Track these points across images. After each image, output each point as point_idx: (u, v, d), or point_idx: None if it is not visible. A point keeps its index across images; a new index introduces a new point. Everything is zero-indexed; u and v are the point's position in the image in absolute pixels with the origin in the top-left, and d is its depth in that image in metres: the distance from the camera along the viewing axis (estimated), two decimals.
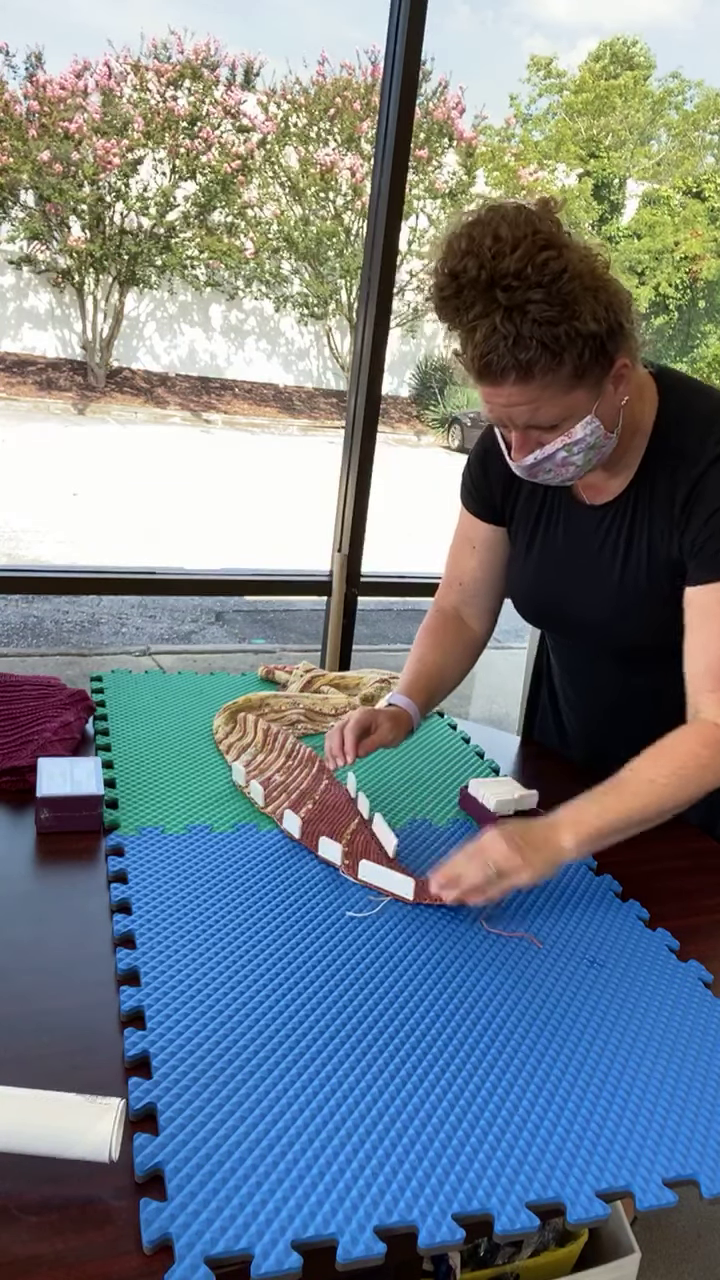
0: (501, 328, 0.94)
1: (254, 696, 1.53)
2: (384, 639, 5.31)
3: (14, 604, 5.18)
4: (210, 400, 13.94)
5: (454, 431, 13.83)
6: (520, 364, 0.97)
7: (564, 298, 0.94)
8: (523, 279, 0.93)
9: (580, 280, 0.95)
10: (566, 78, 16.66)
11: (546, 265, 0.93)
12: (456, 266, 0.95)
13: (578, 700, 1.45)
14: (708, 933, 1.08)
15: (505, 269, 0.93)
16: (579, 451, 1.07)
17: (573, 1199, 0.71)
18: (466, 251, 0.94)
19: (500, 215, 0.95)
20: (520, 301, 0.93)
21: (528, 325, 0.94)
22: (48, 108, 11.50)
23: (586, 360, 0.98)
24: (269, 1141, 0.73)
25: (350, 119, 12.83)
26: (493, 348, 0.96)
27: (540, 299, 0.93)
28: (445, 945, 1.00)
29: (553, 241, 0.94)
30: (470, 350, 0.98)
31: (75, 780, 1.16)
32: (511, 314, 0.94)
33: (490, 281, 0.93)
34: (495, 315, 0.94)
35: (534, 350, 0.95)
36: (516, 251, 0.93)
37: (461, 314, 0.97)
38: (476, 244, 0.94)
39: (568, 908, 1.09)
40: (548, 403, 1.02)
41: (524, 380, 0.99)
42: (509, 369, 0.97)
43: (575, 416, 1.04)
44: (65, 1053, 0.80)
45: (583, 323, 0.95)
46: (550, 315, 0.94)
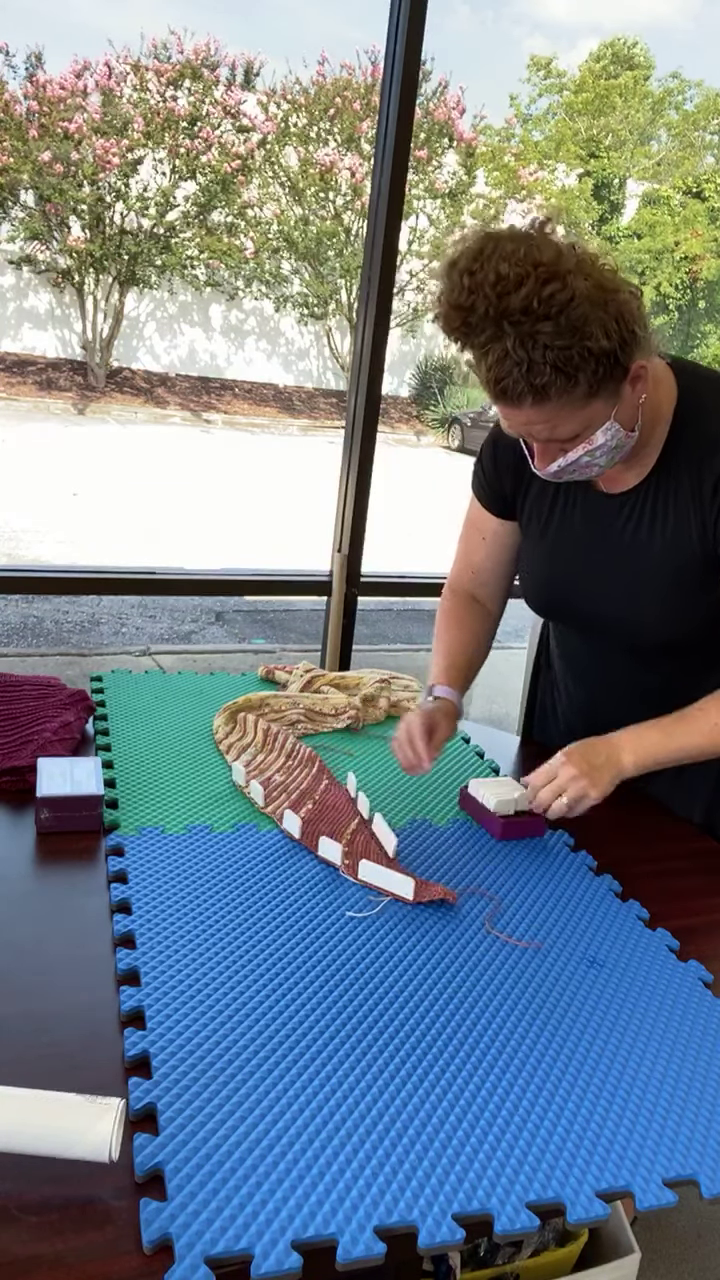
0: (514, 354, 0.95)
1: (254, 696, 1.53)
2: (384, 639, 5.31)
3: (14, 604, 5.18)
4: (210, 400, 13.94)
5: (454, 431, 13.82)
6: (535, 388, 0.97)
7: (573, 323, 0.94)
8: (530, 314, 0.93)
9: (588, 301, 0.94)
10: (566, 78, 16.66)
11: (553, 298, 0.93)
12: (464, 301, 0.95)
13: (583, 698, 1.45)
14: (708, 933, 1.08)
15: (511, 306, 0.93)
16: (602, 455, 1.08)
17: (573, 1199, 0.71)
18: (470, 289, 0.94)
19: (498, 251, 0.94)
20: (530, 332, 0.94)
21: (539, 351, 0.94)
22: (48, 108, 11.51)
23: (601, 376, 0.99)
24: (269, 1141, 0.73)
25: (350, 119, 12.84)
26: (506, 373, 0.97)
27: (550, 330, 0.93)
28: (445, 945, 1.00)
29: (555, 272, 0.93)
30: (484, 372, 0.99)
31: (75, 780, 1.16)
32: (523, 341, 0.94)
33: (499, 316, 0.94)
34: (506, 341, 0.95)
35: (548, 374, 0.96)
36: (521, 290, 0.92)
37: (472, 338, 0.97)
38: (479, 282, 0.94)
39: (568, 908, 1.09)
40: (565, 419, 1.03)
41: (540, 402, 1.00)
42: (525, 393, 0.98)
43: (594, 425, 1.05)
44: (65, 1053, 0.80)
45: (594, 341, 0.95)
46: (561, 342, 0.94)
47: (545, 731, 1.58)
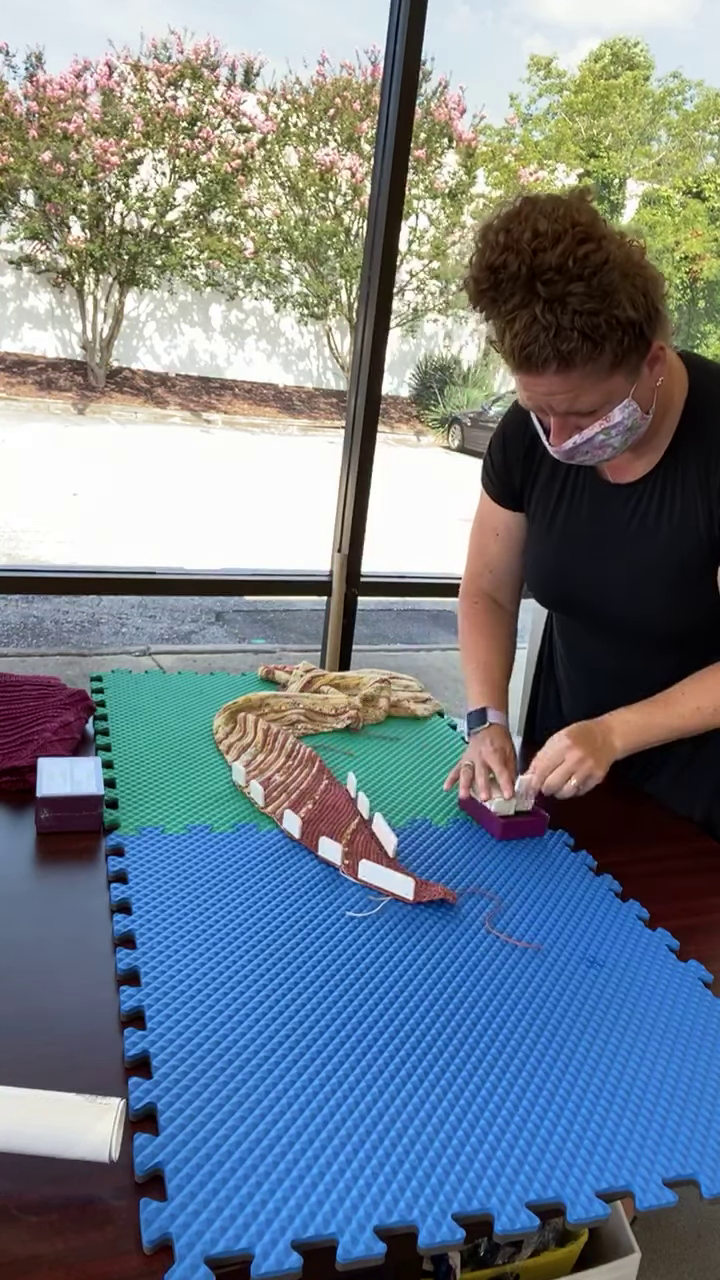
0: (542, 319, 0.95)
1: (254, 696, 1.53)
2: (384, 639, 5.31)
3: (14, 604, 5.18)
4: (210, 400, 13.94)
5: (454, 431, 13.83)
6: (561, 354, 0.97)
7: (604, 288, 0.94)
8: (564, 273, 0.93)
9: (619, 269, 0.95)
10: (566, 78, 16.66)
11: (588, 258, 0.93)
12: (495, 260, 0.95)
13: (587, 691, 1.45)
14: (708, 933, 1.08)
15: (546, 263, 0.93)
16: (617, 434, 1.08)
17: (573, 1199, 0.71)
18: (505, 246, 0.94)
19: (537, 209, 0.95)
20: (561, 294, 0.94)
21: (568, 316, 0.95)
22: (47, 108, 11.51)
23: (626, 347, 1.00)
24: (269, 1141, 0.73)
25: (350, 119, 12.84)
26: (533, 338, 0.96)
27: (581, 291, 0.94)
28: (445, 945, 1.00)
29: (591, 233, 0.95)
30: (509, 340, 0.99)
31: (75, 780, 1.16)
32: (552, 305, 0.94)
33: (531, 275, 0.94)
34: (535, 306, 0.95)
35: (575, 340, 0.96)
36: (558, 246, 0.93)
37: (500, 305, 0.97)
38: (515, 238, 0.94)
39: (567, 907, 1.09)
40: (588, 390, 1.03)
41: (565, 370, 1.00)
42: (550, 359, 0.98)
43: (613, 401, 1.05)
44: (65, 1053, 0.80)
45: (622, 310, 0.96)
46: (591, 306, 0.95)
47: (548, 731, 1.58)
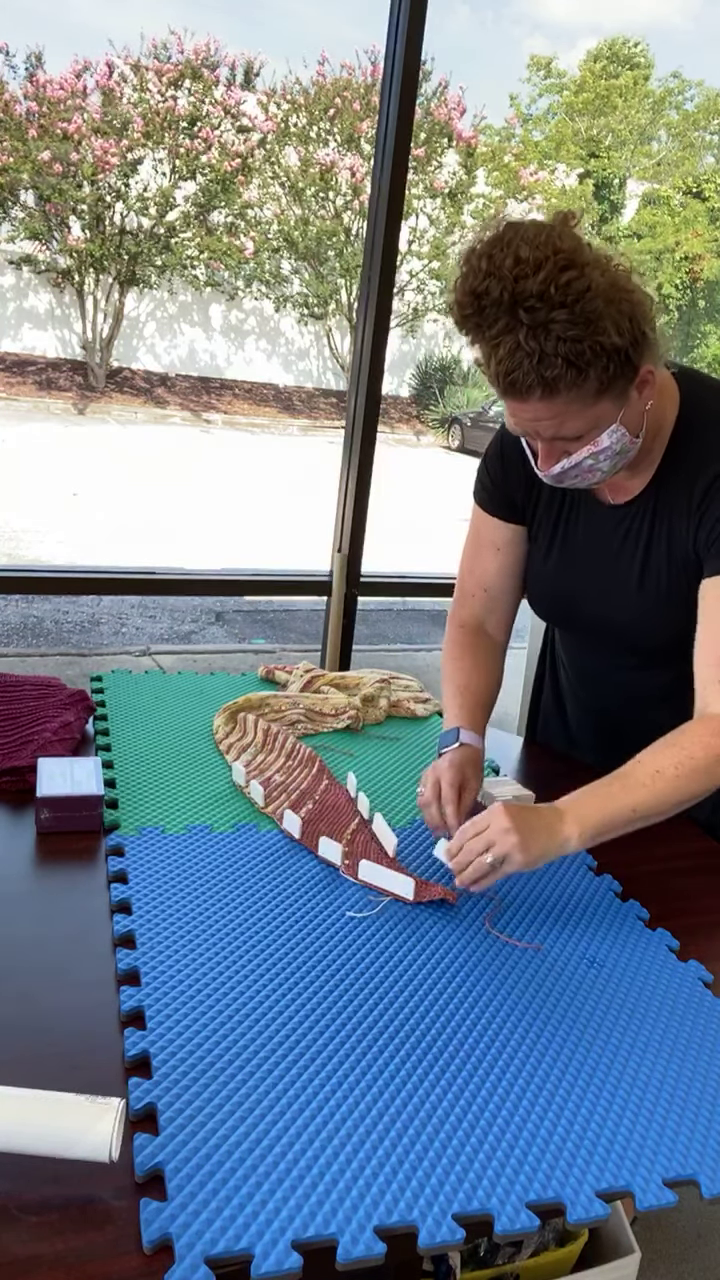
0: (525, 345, 0.94)
1: (254, 696, 1.53)
2: (384, 639, 5.31)
3: (14, 604, 5.18)
4: (210, 400, 13.94)
5: (454, 431, 13.83)
6: (545, 381, 0.96)
7: (587, 315, 0.93)
8: (546, 300, 0.92)
9: (603, 296, 0.94)
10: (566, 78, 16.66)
11: (569, 286, 0.92)
12: (478, 286, 0.94)
13: (589, 701, 1.45)
14: (708, 933, 1.08)
15: (528, 290, 0.92)
16: (605, 459, 1.07)
17: (573, 1199, 0.71)
18: (488, 273, 0.94)
19: (520, 235, 0.94)
20: (544, 321, 0.93)
21: (551, 343, 0.94)
22: (47, 108, 11.50)
23: (611, 373, 0.98)
24: (269, 1141, 0.73)
25: (350, 119, 12.83)
26: (517, 364, 0.96)
27: (564, 318, 0.93)
28: (445, 945, 1.00)
29: (574, 260, 0.94)
30: (494, 366, 0.98)
31: (75, 780, 1.16)
32: (535, 332, 0.93)
33: (513, 302, 0.93)
34: (519, 333, 0.94)
35: (559, 367, 0.95)
36: (539, 274, 0.92)
37: (484, 330, 0.96)
38: (497, 265, 0.93)
39: (567, 908, 1.09)
40: (573, 416, 1.02)
41: (549, 396, 0.99)
42: (534, 385, 0.97)
43: (601, 426, 1.04)
44: (65, 1053, 0.80)
45: (607, 337, 0.95)
46: (574, 333, 0.93)
47: (549, 736, 1.58)
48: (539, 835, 1.00)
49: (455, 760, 1.17)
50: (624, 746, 1.18)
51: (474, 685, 1.29)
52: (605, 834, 1.03)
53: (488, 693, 1.31)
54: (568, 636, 1.43)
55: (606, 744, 1.44)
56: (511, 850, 0.99)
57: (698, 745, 1.04)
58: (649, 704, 1.33)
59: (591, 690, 1.43)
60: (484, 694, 1.30)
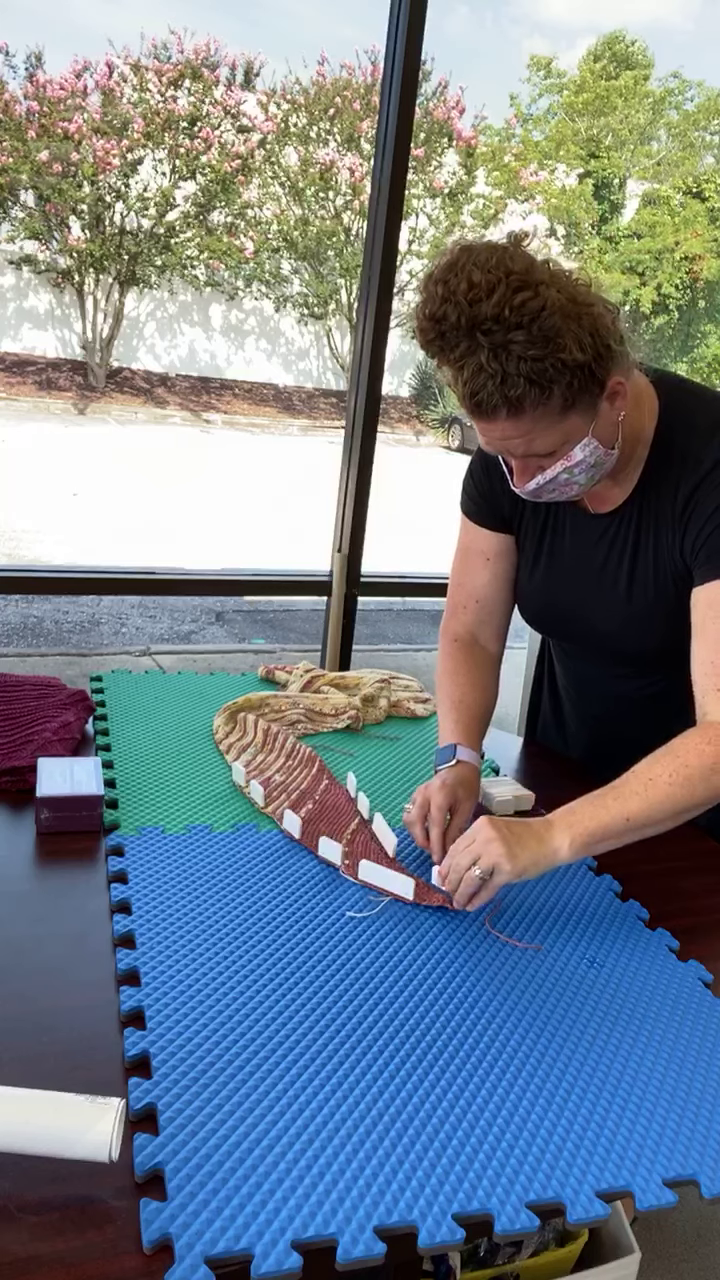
0: (488, 366, 0.95)
1: (254, 696, 1.53)
2: (384, 639, 5.31)
3: (14, 604, 5.18)
4: (210, 400, 13.94)
5: (454, 431, 13.84)
6: (510, 400, 0.97)
7: (545, 333, 0.94)
8: (501, 322, 0.93)
9: (560, 312, 0.94)
10: (566, 78, 16.66)
11: (524, 306, 0.93)
12: (436, 312, 0.95)
13: (584, 705, 1.45)
14: (708, 933, 1.08)
15: (483, 314, 0.93)
16: (580, 472, 1.08)
17: (573, 1199, 0.71)
18: (444, 298, 0.94)
19: (471, 259, 0.95)
20: (503, 342, 0.94)
21: (513, 363, 0.94)
22: (47, 108, 11.50)
23: (576, 389, 0.99)
24: (269, 1141, 0.73)
25: (350, 119, 12.84)
26: (481, 386, 0.96)
27: (522, 339, 0.93)
28: (445, 945, 1.00)
29: (527, 281, 0.94)
30: (460, 387, 0.99)
31: (75, 780, 1.16)
32: (496, 353, 0.94)
33: (471, 325, 0.94)
34: (480, 354, 0.95)
35: (521, 386, 0.96)
36: (493, 296, 0.93)
37: (447, 353, 0.97)
38: (452, 290, 0.94)
39: (567, 908, 1.09)
40: (542, 433, 1.02)
41: (515, 415, 0.99)
42: (499, 405, 0.98)
43: (572, 441, 1.04)
44: (65, 1053, 0.80)
45: (568, 354, 0.95)
46: (535, 352, 0.94)
47: (549, 737, 1.58)
48: (527, 844, 1.00)
49: (448, 780, 1.16)
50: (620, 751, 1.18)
51: (470, 700, 1.29)
52: (599, 843, 1.02)
53: (484, 707, 1.30)
54: (560, 645, 1.43)
55: (603, 748, 1.44)
56: (499, 860, 0.98)
57: (693, 753, 1.04)
58: (643, 710, 1.33)
59: (586, 696, 1.43)
60: (480, 709, 1.29)
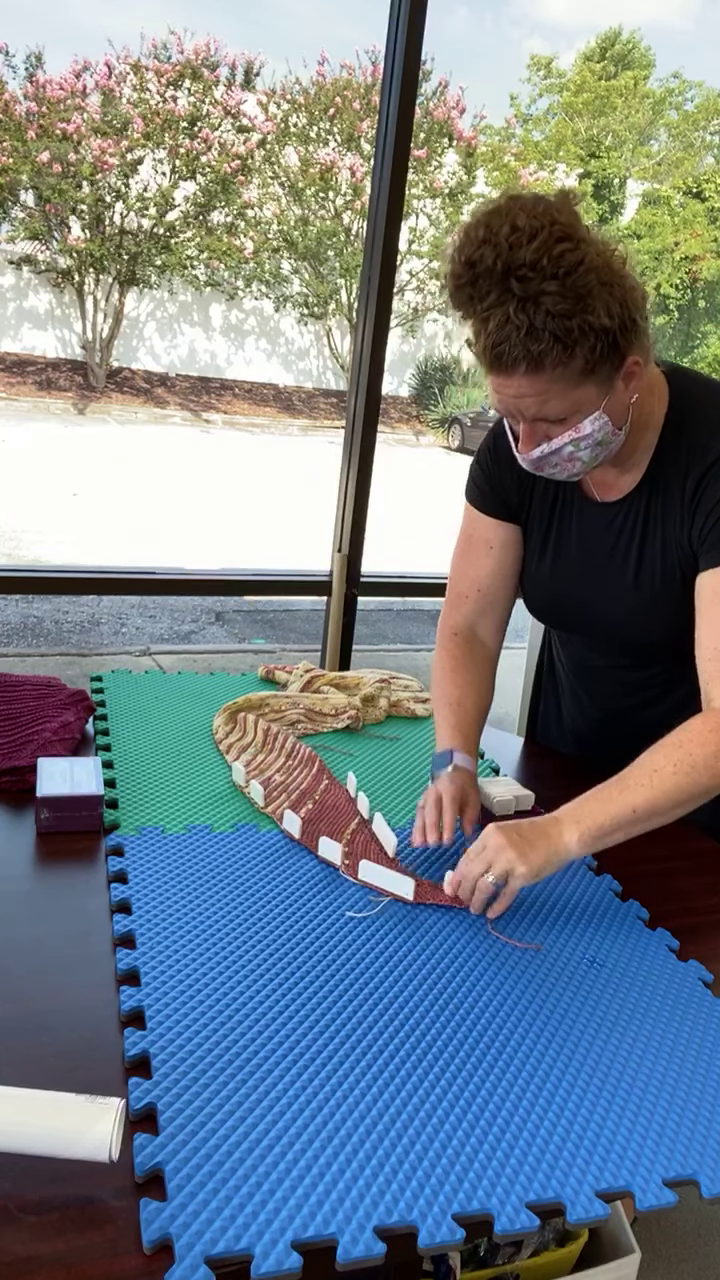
0: (515, 318, 0.94)
1: (254, 696, 1.53)
2: (384, 639, 5.31)
3: (14, 604, 5.18)
4: (210, 400, 13.94)
5: (454, 431, 13.83)
6: (531, 355, 0.96)
7: (578, 290, 0.94)
8: (538, 270, 0.93)
9: (596, 274, 0.95)
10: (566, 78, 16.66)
11: (563, 257, 0.93)
12: (473, 255, 0.95)
13: (588, 700, 1.45)
14: (708, 933, 1.08)
15: (521, 259, 0.93)
16: (586, 447, 1.07)
17: (573, 1199, 0.71)
18: (484, 240, 0.94)
19: (518, 205, 0.95)
20: (534, 292, 0.93)
21: (541, 317, 0.94)
22: (47, 108, 11.50)
23: (598, 355, 0.98)
24: (269, 1141, 0.73)
25: (350, 119, 12.84)
26: (505, 338, 0.96)
27: (555, 290, 0.93)
28: (445, 945, 1.00)
29: (570, 234, 0.94)
30: (482, 339, 0.98)
31: (75, 780, 1.16)
32: (525, 305, 0.94)
33: (506, 271, 0.93)
34: (509, 305, 0.94)
35: (546, 342, 0.95)
36: (534, 242, 0.93)
37: (475, 303, 0.97)
38: (494, 233, 0.94)
39: (567, 908, 1.09)
40: (557, 396, 1.01)
41: (534, 371, 0.98)
42: (520, 359, 0.97)
43: (584, 411, 1.04)
44: (65, 1053, 0.80)
45: (596, 317, 0.95)
46: (564, 308, 0.94)
47: (549, 737, 1.58)
48: (537, 844, 1.00)
49: (456, 779, 1.18)
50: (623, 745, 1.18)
51: (467, 702, 1.29)
52: (607, 837, 1.02)
53: (480, 709, 1.30)
54: (565, 636, 1.43)
55: (606, 743, 1.44)
56: (512, 864, 0.99)
57: (696, 742, 1.04)
58: (648, 701, 1.33)
59: (590, 689, 1.43)
60: (477, 711, 1.30)
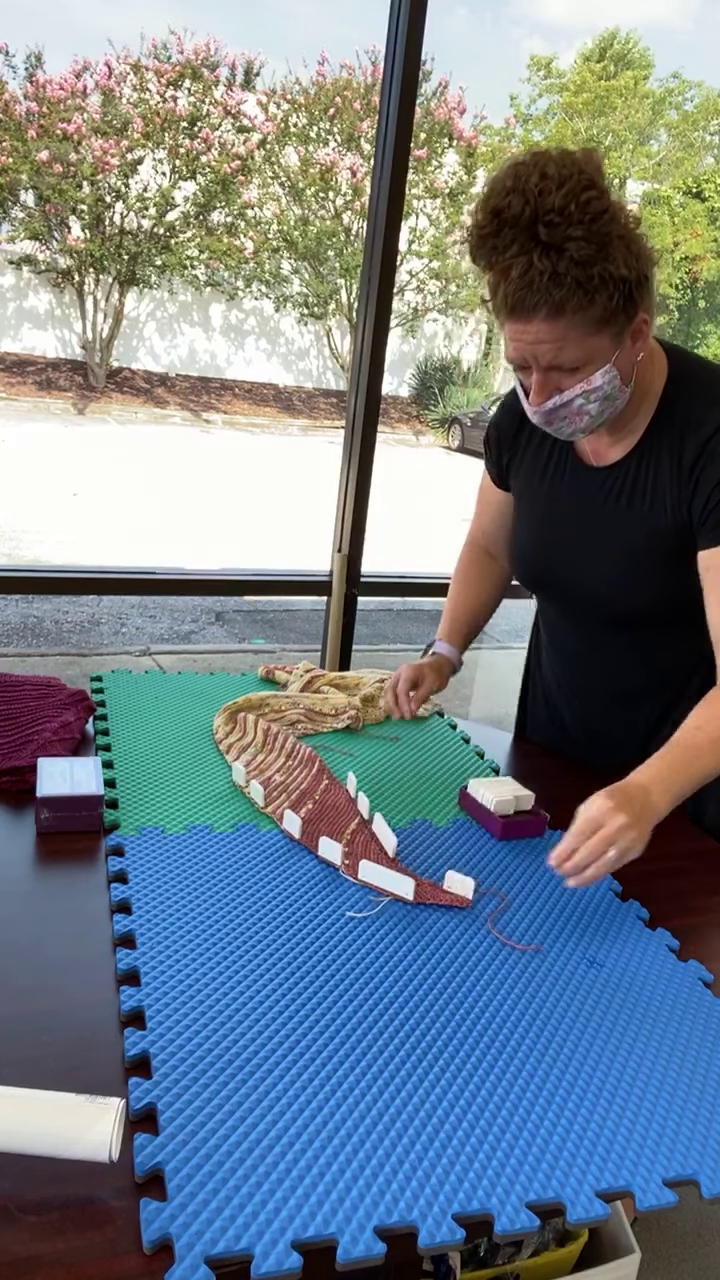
0: (539, 264, 0.98)
1: (254, 696, 1.53)
2: (384, 639, 5.31)
3: (14, 604, 5.18)
4: (210, 400, 13.93)
5: (454, 431, 13.82)
6: (553, 301, 1.00)
7: (601, 238, 0.97)
8: (565, 216, 0.96)
9: (617, 224, 0.99)
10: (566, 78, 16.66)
11: (589, 204, 0.96)
12: (500, 204, 0.98)
13: (569, 679, 1.45)
14: (708, 933, 1.08)
15: (550, 205, 0.96)
16: (595, 400, 1.09)
17: (573, 1199, 0.71)
18: (511, 189, 0.97)
19: (546, 156, 0.99)
20: (561, 239, 0.97)
21: (564, 263, 0.97)
22: (47, 108, 11.50)
23: (615, 305, 1.02)
24: (269, 1141, 0.73)
25: (350, 119, 12.83)
26: (528, 283, 0.99)
27: (580, 236, 0.97)
28: (445, 945, 1.00)
29: (596, 183, 0.98)
30: (504, 287, 1.01)
31: (75, 780, 1.16)
32: (550, 251, 0.97)
33: (533, 217, 0.96)
34: (533, 252, 0.98)
35: (568, 288, 0.99)
36: (562, 189, 0.96)
37: (499, 252, 1.00)
38: (522, 181, 0.97)
39: (567, 908, 1.09)
40: (573, 343, 1.04)
41: (555, 317, 1.02)
42: (541, 304, 1.00)
43: (595, 363, 1.07)
44: (65, 1053, 0.80)
45: (615, 266, 0.99)
46: (587, 254, 0.97)
47: (539, 726, 1.59)
48: (647, 818, 1.03)
49: (419, 663, 1.42)
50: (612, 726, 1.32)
51: (468, 607, 1.51)
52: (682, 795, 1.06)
53: (479, 615, 1.52)
54: (549, 607, 1.45)
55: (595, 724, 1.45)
56: (633, 844, 1.01)
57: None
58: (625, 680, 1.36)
59: (570, 668, 1.45)
60: (474, 616, 1.51)
